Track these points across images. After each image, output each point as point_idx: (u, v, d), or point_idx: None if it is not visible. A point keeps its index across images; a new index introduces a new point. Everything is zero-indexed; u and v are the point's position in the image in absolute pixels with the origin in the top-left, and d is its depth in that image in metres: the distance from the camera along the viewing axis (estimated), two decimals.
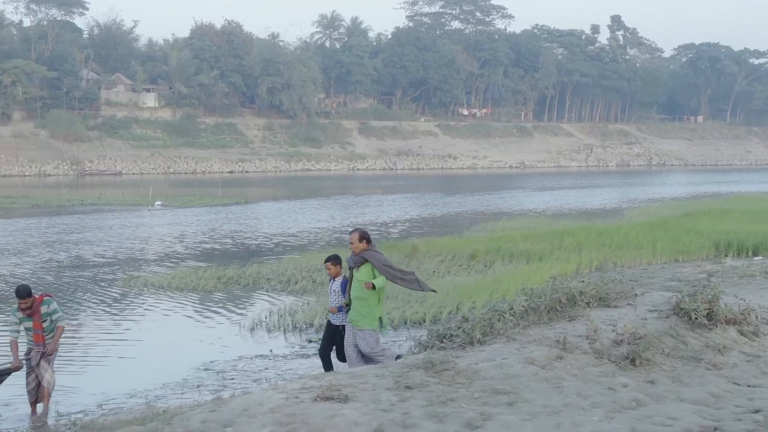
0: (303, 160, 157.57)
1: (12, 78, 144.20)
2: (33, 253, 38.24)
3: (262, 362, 17.90)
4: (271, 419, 9.39)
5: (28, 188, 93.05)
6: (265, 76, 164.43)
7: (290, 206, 67.30)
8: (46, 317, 14.33)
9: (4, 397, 14.92)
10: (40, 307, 14.24)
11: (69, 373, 15.61)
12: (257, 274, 29.11)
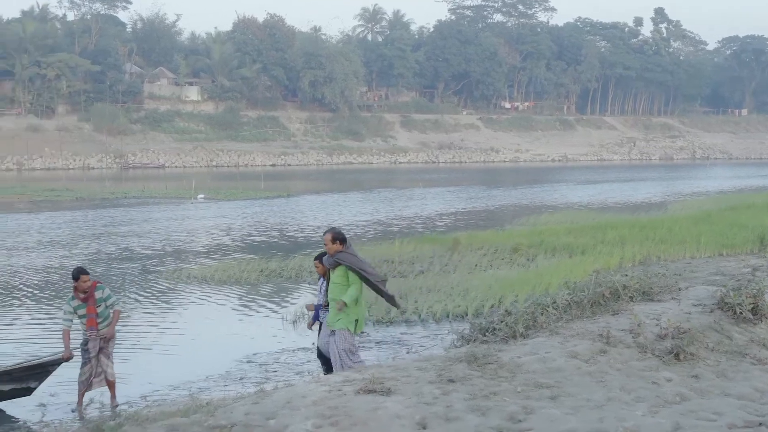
0: (345, 153, 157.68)
1: (56, 72, 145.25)
2: (82, 245, 38.65)
3: (305, 355, 17.94)
4: (314, 412, 9.41)
5: (72, 181, 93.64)
6: (307, 70, 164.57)
7: (333, 199, 67.41)
8: (101, 302, 14.47)
9: (52, 388, 15.04)
10: (95, 293, 14.39)
11: (113, 365, 15.68)
12: (300, 266, 29.16)
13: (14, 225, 47.79)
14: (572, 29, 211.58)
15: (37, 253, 35.96)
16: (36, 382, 14.59)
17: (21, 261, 33.53)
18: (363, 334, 15.33)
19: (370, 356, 16.98)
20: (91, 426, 10.38)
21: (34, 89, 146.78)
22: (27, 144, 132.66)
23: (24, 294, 26.46)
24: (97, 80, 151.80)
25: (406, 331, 19.76)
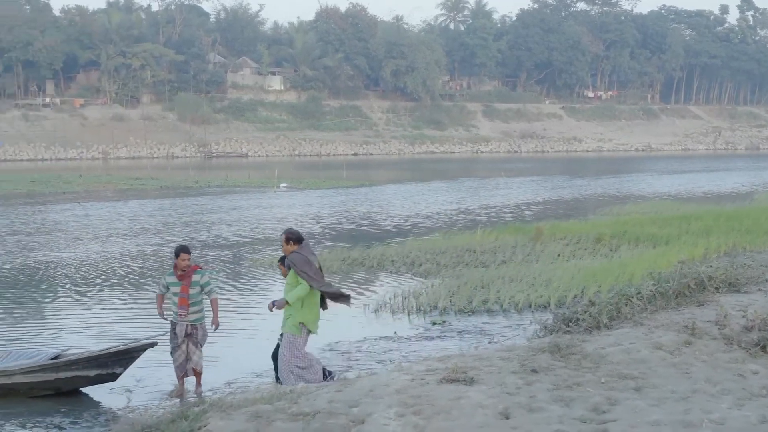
0: (427, 142, 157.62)
1: (141, 62, 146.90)
2: (172, 232, 39.29)
3: (387, 344, 17.95)
4: (397, 400, 9.42)
5: (156, 170, 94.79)
6: (389, 59, 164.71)
7: (415, 189, 67.41)
8: (196, 286, 14.65)
9: (137, 373, 15.23)
10: (193, 275, 14.56)
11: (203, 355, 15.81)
12: (381, 256, 29.19)
13: (105, 213, 48.56)
14: (656, 17, 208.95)
15: (131, 240, 36.61)
16: (121, 368, 14.77)
17: (116, 248, 34.09)
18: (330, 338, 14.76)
19: (452, 346, 16.96)
20: (175, 412, 10.50)
21: (120, 79, 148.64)
22: (112, 133, 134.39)
23: (120, 280, 26.83)
24: (181, 70, 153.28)
25: (488, 321, 19.71)
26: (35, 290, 25.53)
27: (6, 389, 14.77)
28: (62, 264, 30.04)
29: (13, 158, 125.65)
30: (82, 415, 13.95)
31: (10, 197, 60.02)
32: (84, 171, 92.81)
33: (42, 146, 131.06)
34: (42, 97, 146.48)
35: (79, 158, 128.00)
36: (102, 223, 43.35)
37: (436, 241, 31.91)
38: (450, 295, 21.62)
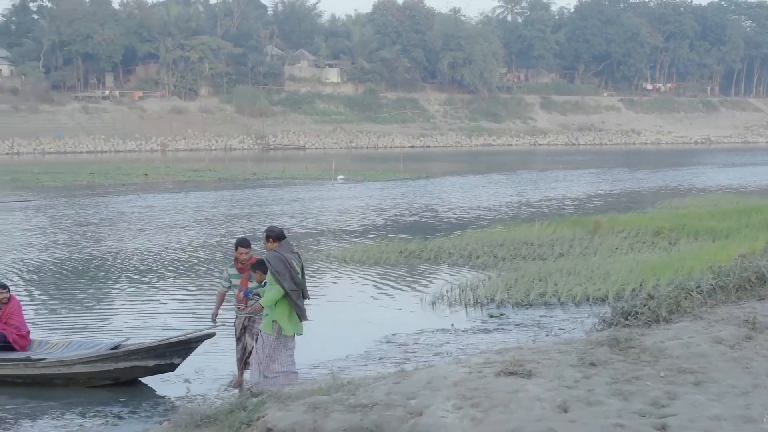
0: (484, 135, 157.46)
1: (199, 54, 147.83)
2: (231, 223, 39.56)
3: (444, 336, 17.94)
4: (455, 393, 9.41)
5: (214, 162, 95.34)
6: (446, 51, 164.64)
7: (472, 181, 67.32)
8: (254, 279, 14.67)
9: (197, 363, 15.33)
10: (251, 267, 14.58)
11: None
12: (439, 248, 29.16)
13: (167, 204, 49.03)
14: (716, 8, 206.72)
15: (195, 231, 37.04)
16: (179, 358, 14.85)
17: (181, 238, 34.44)
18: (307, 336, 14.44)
19: (510, 338, 16.94)
20: (233, 402, 10.55)
21: (178, 72, 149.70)
22: (171, 125, 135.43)
23: (184, 271, 27.01)
24: (238, 62, 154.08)
25: (546, 314, 19.64)
26: (101, 280, 25.84)
27: (66, 379, 14.95)
28: (127, 254, 30.36)
29: (73, 150, 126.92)
30: (141, 404, 14.07)
31: (70, 189, 60.65)
32: (143, 163, 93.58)
33: (101, 138, 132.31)
34: (101, 89, 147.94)
35: (137, 150, 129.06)
36: (165, 214, 43.82)
37: (494, 234, 31.83)
38: (507, 288, 21.57)
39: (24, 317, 16.54)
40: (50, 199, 52.85)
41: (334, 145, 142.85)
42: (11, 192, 58.72)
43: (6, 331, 15.96)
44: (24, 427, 13.05)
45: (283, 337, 13.28)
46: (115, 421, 13.22)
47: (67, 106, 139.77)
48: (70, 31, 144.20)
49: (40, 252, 31.33)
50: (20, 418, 13.53)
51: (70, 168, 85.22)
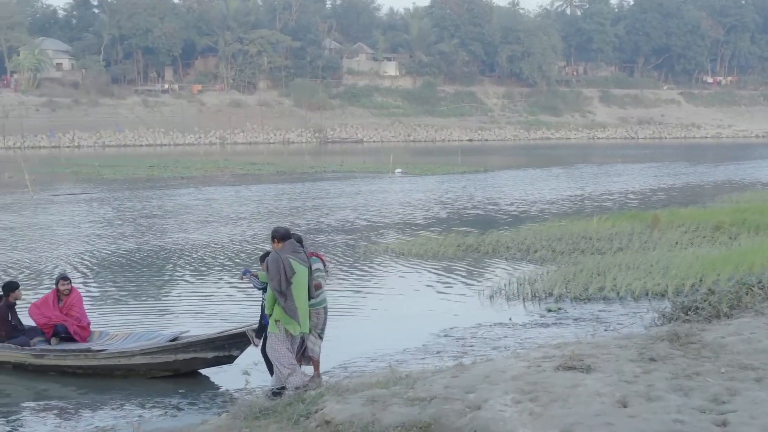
0: (542, 128, 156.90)
1: (258, 48, 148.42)
2: (303, 215, 40.04)
3: (501, 330, 17.89)
4: (513, 387, 9.40)
5: (272, 155, 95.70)
6: (505, 45, 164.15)
7: (530, 175, 67.08)
8: None
9: (256, 355, 15.36)
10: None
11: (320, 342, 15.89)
12: (497, 242, 29.09)
13: (229, 197, 49.72)
14: None
15: (259, 223, 37.47)
16: (238, 350, 14.90)
17: (246, 230, 34.79)
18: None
19: (568, 333, 16.85)
20: (292, 395, 10.60)
21: (237, 65, 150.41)
22: (230, 119, 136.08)
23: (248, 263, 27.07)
24: (297, 56, 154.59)
25: (604, 309, 19.52)
26: (164, 271, 26.13)
27: (126, 370, 15.09)
28: (192, 246, 30.64)
29: (132, 143, 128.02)
30: (200, 396, 14.17)
31: (130, 182, 61.22)
32: (201, 156, 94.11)
33: (161, 132, 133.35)
34: (161, 83, 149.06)
35: (196, 144, 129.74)
36: (229, 207, 44.30)
37: (552, 228, 31.69)
38: (566, 282, 21.46)
39: (85, 308, 16.73)
40: (111, 191, 53.42)
41: (391, 138, 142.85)
42: (74, 184, 59.37)
43: (67, 323, 16.16)
44: (84, 418, 13.18)
45: (282, 333, 13.18)
46: (174, 412, 13.31)
47: (127, 99, 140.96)
48: (130, 25, 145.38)
49: (105, 243, 31.72)
50: (81, 408, 13.68)
51: (130, 161, 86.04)
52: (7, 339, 16.00)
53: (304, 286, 13.16)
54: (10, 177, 62.35)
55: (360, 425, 8.70)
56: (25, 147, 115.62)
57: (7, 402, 14.26)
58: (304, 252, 13.38)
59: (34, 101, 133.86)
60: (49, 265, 27.10)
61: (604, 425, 8.37)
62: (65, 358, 15.35)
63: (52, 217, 40.79)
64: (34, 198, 48.95)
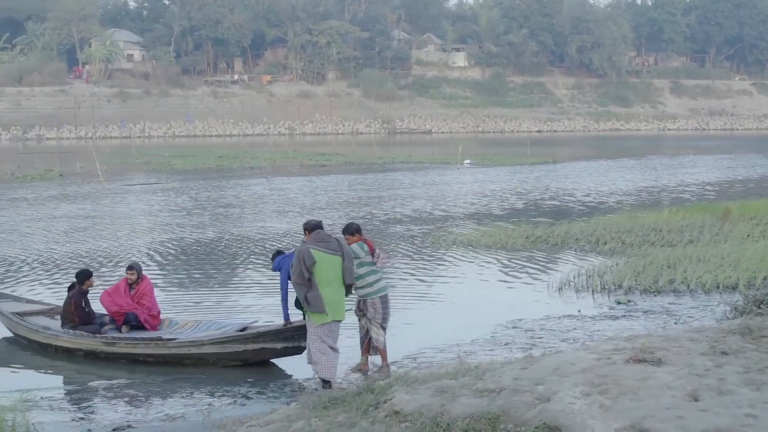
0: (612, 119, 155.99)
1: (327, 39, 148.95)
2: (381, 206, 40.12)
3: (570, 322, 17.79)
4: (583, 379, 9.35)
5: (340, 146, 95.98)
6: (574, 35, 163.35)
7: (600, 166, 66.68)
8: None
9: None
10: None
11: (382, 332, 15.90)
12: (565, 233, 28.93)
13: (302, 186, 50.18)
14: None
15: (336, 212, 37.74)
16: (306, 341, 14.96)
17: (325, 220, 34.87)
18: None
19: (638, 325, 16.74)
20: (361, 385, 10.63)
21: (306, 56, 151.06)
22: (298, 109, 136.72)
23: None
24: (366, 47, 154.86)
25: (674, 301, 19.35)
26: (242, 260, 26.36)
27: (195, 359, 15.21)
28: (269, 236, 30.88)
29: (202, 134, 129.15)
30: (269, 385, 14.23)
31: (200, 172, 61.72)
32: (270, 147, 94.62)
33: (230, 122, 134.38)
34: (230, 74, 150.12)
35: (265, 134, 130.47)
36: (304, 197, 44.81)
37: (622, 220, 31.45)
38: (635, 275, 21.29)
39: (155, 297, 16.90)
40: (183, 181, 53.93)
41: (460, 129, 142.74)
42: (145, 175, 59.99)
43: (138, 311, 16.33)
44: (155, 405, 13.30)
45: (311, 322, 13.68)
46: (243, 401, 13.39)
47: (197, 90, 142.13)
48: (200, 17, 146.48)
49: (180, 232, 32.11)
50: (151, 396, 13.82)
51: (199, 151, 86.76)
52: (80, 326, 16.23)
53: (333, 274, 13.53)
54: (82, 167, 63.07)
55: (429, 416, 8.71)
56: (96, 137, 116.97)
57: (78, 389, 14.45)
58: (336, 241, 13.69)
59: (105, 92, 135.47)
60: (122, 253, 27.42)
61: (675, 419, 8.30)
62: (136, 347, 15.52)
63: (125, 206, 41.35)
64: (105, 188, 49.52)
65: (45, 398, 13.52)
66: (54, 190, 48.93)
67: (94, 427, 12.19)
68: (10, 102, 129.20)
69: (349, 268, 13.67)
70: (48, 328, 16.52)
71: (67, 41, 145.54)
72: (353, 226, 14.56)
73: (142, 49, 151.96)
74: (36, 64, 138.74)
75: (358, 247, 14.30)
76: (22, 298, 19.20)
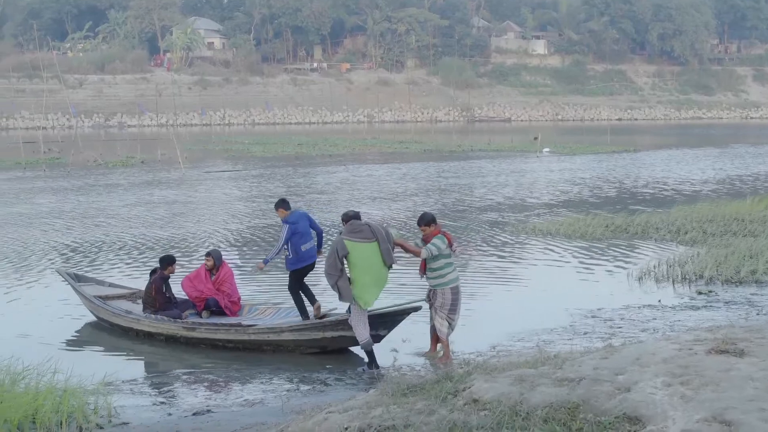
0: (693, 108, 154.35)
1: (406, 26, 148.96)
2: (475, 193, 40.08)
3: (650, 312, 17.64)
4: (664, 369, 9.27)
5: (419, 134, 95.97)
6: (656, 22, 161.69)
7: (681, 155, 66.03)
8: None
9: (405, 333, 15.45)
10: (432, 240, 14.46)
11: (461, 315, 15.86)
12: (646, 222, 28.69)
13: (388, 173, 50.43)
14: None
15: (431, 198, 38.17)
16: (385, 330, 14.94)
17: (418, 205, 35.15)
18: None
19: (719, 316, 16.57)
20: (440, 373, 10.64)
21: (385, 44, 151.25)
22: (377, 97, 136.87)
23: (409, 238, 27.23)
24: (445, 34, 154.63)
25: (757, 292, 19.12)
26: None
27: (274, 345, 15.31)
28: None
29: (282, 122, 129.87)
30: (347, 372, 14.29)
31: (279, 159, 62.12)
32: (349, 134, 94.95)
33: (309, 110, 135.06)
34: (310, 61, 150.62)
35: (344, 122, 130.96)
36: (394, 183, 45.19)
37: (703, 209, 31.09)
38: (717, 265, 21.04)
39: (236, 283, 17.05)
40: (264, 168, 54.43)
41: (539, 117, 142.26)
42: (225, 161, 60.53)
43: (218, 297, 16.50)
44: (234, 391, 13.42)
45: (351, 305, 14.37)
46: (322, 387, 13.45)
47: (277, 78, 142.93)
48: (279, 4, 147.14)
49: (262, 218, 32.32)
50: (231, 381, 13.95)
51: (279, 139, 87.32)
52: (161, 311, 16.43)
53: (369, 260, 14.09)
54: (163, 154, 63.72)
55: (508, 404, 8.70)
56: (177, 125, 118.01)
57: (159, 373, 14.65)
58: (369, 228, 14.17)
59: (186, 80, 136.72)
60: (206, 239, 27.69)
61: (757, 411, 8.21)
62: (216, 332, 15.68)
63: (207, 192, 41.77)
64: (186, 174, 50.02)
65: (126, 382, 13.71)
66: (135, 177, 49.54)
67: (174, 411, 12.33)
68: (93, 90, 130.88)
69: (387, 249, 14.12)
70: (130, 312, 16.75)
71: (148, 29, 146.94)
72: (428, 216, 14.56)
73: (222, 37, 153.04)
74: (118, 52, 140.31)
75: (440, 240, 14.29)
76: (104, 281, 19.44)
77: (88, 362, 14.86)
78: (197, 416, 11.92)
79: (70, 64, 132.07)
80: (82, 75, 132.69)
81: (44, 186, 45.17)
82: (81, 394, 11.56)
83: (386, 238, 14.20)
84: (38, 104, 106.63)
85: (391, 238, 14.35)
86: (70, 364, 13.16)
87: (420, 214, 14.94)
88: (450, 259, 14.51)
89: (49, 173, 52.18)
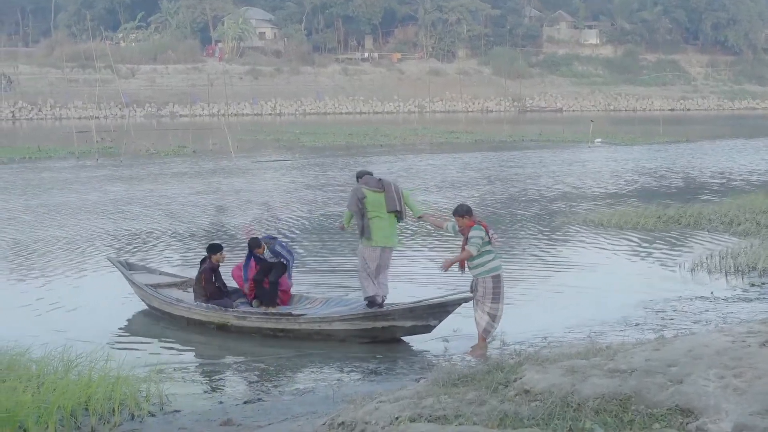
0: (747, 98, 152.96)
1: (457, 16, 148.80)
2: (533, 183, 40.16)
3: (702, 304, 17.53)
4: (717, 362, 9.21)
5: (470, 124, 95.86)
6: (709, 12, 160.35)
7: (735, 146, 65.46)
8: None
9: (456, 323, 15.45)
10: (471, 231, 14.41)
11: (511, 305, 15.86)
12: (698, 214, 28.46)
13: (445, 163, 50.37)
14: None
15: (489, 188, 38.32)
16: (436, 320, 14.97)
17: (473, 194, 35.19)
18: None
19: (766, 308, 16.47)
20: (491, 363, 10.63)
21: (436, 33, 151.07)
22: (428, 87, 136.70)
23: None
24: (496, 24, 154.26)
25: None
26: None
27: (325, 335, 15.36)
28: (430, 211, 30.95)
29: (332, 111, 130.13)
30: (398, 361, 14.31)
31: (330, 149, 62.27)
32: (400, 124, 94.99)
33: (360, 100, 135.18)
34: (361, 51, 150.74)
35: (395, 112, 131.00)
36: (454, 172, 45.52)
37: (757, 200, 30.79)
38: None
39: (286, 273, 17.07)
40: (317, 158, 54.65)
41: (591, 107, 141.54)
42: (276, 151, 60.74)
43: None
44: (285, 379, 13.50)
45: (369, 248, 15.41)
46: (372, 377, 13.49)
47: (328, 67, 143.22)
48: None
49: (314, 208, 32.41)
50: (282, 370, 14.01)
51: (329, 129, 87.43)
52: (211, 300, 16.50)
53: (380, 207, 15.34)
54: (215, 144, 64.02)
55: (559, 395, 8.67)
56: (228, 114, 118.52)
57: (210, 361, 14.77)
58: (379, 181, 15.66)
59: (237, 70, 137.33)
60: (258, 228, 27.76)
61: None
62: (266, 321, 15.74)
63: (260, 182, 41.93)
64: (237, 164, 50.24)
65: (178, 370, 13.84)
66: (185, 166, 49.87)
67: (225, 399, 12.41)
68: (145, 79, 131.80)
69: (391, 198, 15.42)
70: (181, 301, 16.86)
71: (200, 19, 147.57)
72: (463, 208, 14.56)
73: (273, 26, 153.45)
74: (170, 42, 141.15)
75: (478, 230, 14.22)
76: (155, 270, 19.54)
77: (140, 350, 15.01)
78: (248, 404, 12.00)
79: (123, 54, 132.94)
80: (135, 65, 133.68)
81: (107, 174, 45.53)
82: (133, 382, 11.68)
83: (394, 191, 15.46)
84: (91, 94, 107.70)
85: (401, 193, 15.60)
86: (122, 352, 13.28)
87: (457, 205, 14.93)
88: (489, 246, 14.43)
89: (102, 162, 52.60)
